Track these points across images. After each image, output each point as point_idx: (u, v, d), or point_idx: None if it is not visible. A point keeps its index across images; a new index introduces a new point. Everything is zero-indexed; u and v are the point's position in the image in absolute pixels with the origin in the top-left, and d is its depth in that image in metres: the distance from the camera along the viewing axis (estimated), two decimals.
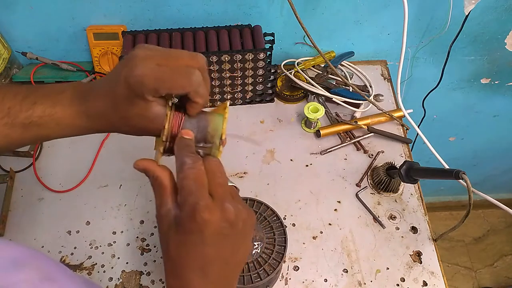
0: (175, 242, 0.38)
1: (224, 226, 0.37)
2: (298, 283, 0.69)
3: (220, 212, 0.37)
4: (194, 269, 0.38)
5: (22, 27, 0.85)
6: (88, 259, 0.71)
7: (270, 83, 0.86)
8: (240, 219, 0.38)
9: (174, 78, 0.39)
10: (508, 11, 0.87)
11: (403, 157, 0.83)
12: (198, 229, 0.36)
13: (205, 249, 0.38)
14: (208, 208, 0.36)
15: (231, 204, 0.38)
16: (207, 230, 0.36)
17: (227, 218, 0.37)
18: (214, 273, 0.39)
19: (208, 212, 0.36)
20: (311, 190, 0.78)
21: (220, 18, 0.85)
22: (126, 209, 0.76)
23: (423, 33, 0.92)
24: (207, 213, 0.36)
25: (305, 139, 0.85)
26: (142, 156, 0.83)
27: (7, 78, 0.88)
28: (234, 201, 0.39)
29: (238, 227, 0.38)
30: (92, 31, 0.85)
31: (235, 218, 0.38)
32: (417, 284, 0.69)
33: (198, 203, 0.36)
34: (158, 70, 0.39)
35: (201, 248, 0.37)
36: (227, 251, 0.39)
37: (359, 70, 0.94)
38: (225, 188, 0.39)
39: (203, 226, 0.36)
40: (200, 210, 0.36)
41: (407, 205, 0.77)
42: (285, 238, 0.62)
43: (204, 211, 0.36)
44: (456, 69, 1.02)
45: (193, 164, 0.38)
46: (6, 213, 0.75)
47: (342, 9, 0.86)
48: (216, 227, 0.37)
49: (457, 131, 1.32)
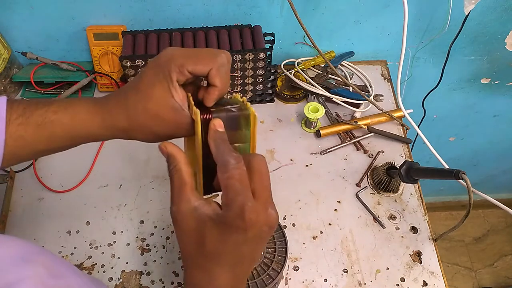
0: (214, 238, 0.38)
1: (265, 230, 0.38)
2: (298, 283, 0.69)
3: (265, 215, 0.38)
4: (225, 265, 0.39)
5: (22, 27, 0.85)
6: (88, 259, 0.71)
7: (270, 83, 0.86)
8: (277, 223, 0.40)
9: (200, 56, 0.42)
10: (508, 11, 0.87)
11: (403, 157, 0.83)
12: (244, 229, 0.37)
13: (243, 248, 0.39)
14: (255, 211, 0.37)
15: (273, 209, 0.39)
16: (251, 231, 0.37)
17: (269, 222, 0.38)
18: (242, 270, 0.41)
19: (256, 214, 0.37)
20: (311, 190, 0.78)
21: (220, 18, 0.85)
22: (126, 209, 0.76)
23: (423, 33, 0.92)
24: (255, 215, 0.37)
25: (305, 139, 0.85)
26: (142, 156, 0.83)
27: (7, 78, 0.88)
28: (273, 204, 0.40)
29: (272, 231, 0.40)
30: (92, 31, 0.85)
31: (275, 224, 0.39)
32: (417, 284, 0.69)
33: (246, 204, 0.36)
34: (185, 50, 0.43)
35: (241, 247, 0.38)
36: (258, 251, 0.41)
37: (359, 70, 0.94)
38: (269, 192, 0.39)
39: (249, 226, 0.37)
40: (249, 211, 0.36)
41: (407, 205, 0.77)
42: (282, 232, 0.63)
43: (252, 212, 0.36)
44: (456, 69, 1.02)
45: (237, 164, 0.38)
46: (6, 213, 0.75)
47: (342, 9, 0.86)
48: (259, 229, 0.38)
49: (457, 131, 1.32)
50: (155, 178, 0.80)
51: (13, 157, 0.45)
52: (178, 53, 0.42)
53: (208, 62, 0.42)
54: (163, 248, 0.72)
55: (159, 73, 0.42)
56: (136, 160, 0.82)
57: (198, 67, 0.42)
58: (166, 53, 0.43)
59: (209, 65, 0.42)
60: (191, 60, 0.42)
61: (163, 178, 0.80)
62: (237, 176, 0.37)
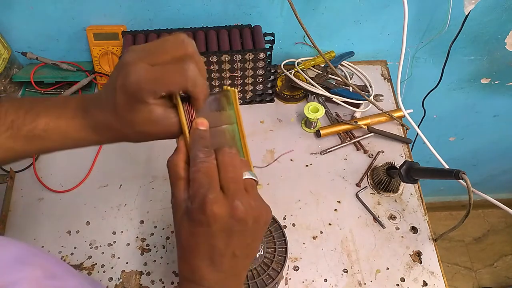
0: (186, 231, 0.39)
1: (232, 223, 0.38)
2: (298, 283, 0.69)
3: (229, 208, 0.37)
4: (203, 258, 0.40)
5: (22, 27, 0.85)
6: (88, 259, 0.71)
7: (270, 83, 0.86)
8: (250, 217, 0.39)
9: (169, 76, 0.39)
10: (508, 11, 0.87)
11: (403, 157, 0.83)
12: (207, 222, 0.37)
13: (213, 241, 0.39)
14: (216, 202, 0.37)
15: (242, 201, 0.38)
16: (215, 225, 0.37)
17: (236, 215, 0.38)
18: (223, 264, 0.40)
19: (216, 206, 0.37)
20: (311, 190, 0.78)
21: (220, 18, 0.85)
22: (126, 209, 0.76)
23: (423, 33, 0.92)
24: (215, 206, 0.37)
25: (305, 139, 0.85)
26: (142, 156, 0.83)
27: (7, 78, 0.88)
28: (247, 197, 0.39)
29: (247, 224, 0.39)
30: (92, 31, 0.85)
31: (244, 216, 0.38)
32: (417, 284, 0.69)
33: (207, 196, 0.37)
34: (152, 71, 0.38)
35: (209, 240, 0.38)
36: (235, 245, 0.40)
37: (359, 70, 0.94)
38: (238, 184, 0.39)
39: (211, 219, 0.37)
40: (209, 203, 0.36)
41: (407, 205, 0.77)
42: (282, 232, 0.63)
43: (212, 204, 0.36)
44: (456, 69, 1.02)
45: (205, 158, 0.39)
46: (6, 213, 0.75)
47: (342, 9, 0.86)
48: (224, 222, 0.38)
49: (457, 131, 1.32)
50: (155, 178, 0.80)
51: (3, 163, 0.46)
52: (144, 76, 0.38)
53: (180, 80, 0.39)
54: (163, 248, 0.72)
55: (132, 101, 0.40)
56: (136, 160, 0.82)
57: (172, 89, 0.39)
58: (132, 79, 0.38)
59: (181, 84, 0.39)
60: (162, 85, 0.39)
61: (163, 178, 0.80)
62: (203, 169, 0.38)
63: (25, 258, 0.32)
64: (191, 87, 0.40)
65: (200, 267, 0.40)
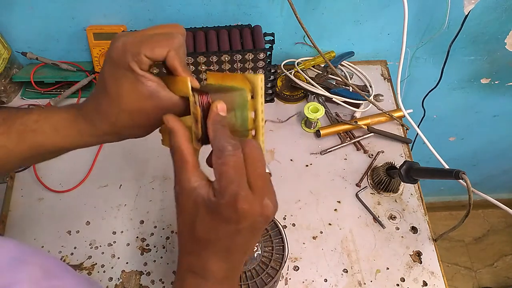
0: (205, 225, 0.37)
1: (260, 220, 0.37)
2: (298, 283, 0.69)
3: (260, 206, 0.36)
4: (217, 252, 0.38)
5: (22, 27, 0.85)
6: (88, 259, 0.71)
7: (270, 83, 0.86)
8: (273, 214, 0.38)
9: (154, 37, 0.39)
10: (508, 11, 0.87)
11: (403, 157, 0.83)
12: (236, 220, 0.35)
13: (236, 238, 0.37)
14: (248, 201, 0.35)
15: (270, 199, 0.37)
16: (244, 222, 0.36)
17: (265, 214, 0.36)
18: (235, 259, 0.39)
19: (249, 205, 0.35)
20: (311, 190, 0.78)
21: (220, 18, 0.85)
22: (126, 209, 0.76)
23: (423, 33, 0.92)
24: (248, 205, 0.35)
25: (305, 139, 0.85)
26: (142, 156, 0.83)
27: (7, 78, 0.88)
28: (270, 193, 0.38)
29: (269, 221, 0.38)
30: (92, 31, 0.85)
31: (272, 214, 0.37)
32: (417, 284, 0.69)
33: (239, 194, 0.35)
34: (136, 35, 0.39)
35: (232, 236, 0.37)
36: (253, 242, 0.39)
37: (359, 70, 0.94)
38: (265, 180, 0.37)
39: (241, 217, 0.35)
40: (241, 201, 0.35)
41: (407, 205, 0.77)
42: (279, 230, 0.63)
43: (245, 202, 0.35)
44: (456, 69, 1.02)
45: (233, 151, 0.36)
46: (6, 213, 0.75)
47: (342, 9, 0.86)
48: (253, 220, 0.36)
49: (457, 131, 1.32)
50: (155, 178, 0.80)
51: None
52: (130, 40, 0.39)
53: (165, 44, 0.39)
54: (163, 248, 0.72)
55: (118, 70, 0.39)
56: (136, 160, 0.82)
57: (156, 51, 0.39)
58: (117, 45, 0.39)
59: (166, 47, 0.39)
60: (147, 45, 0.38)
61: (163, 178, 0.80)
62: (232, 163, 0.35)
63: (25, 258, 0.32)
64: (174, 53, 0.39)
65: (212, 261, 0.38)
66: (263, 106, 0.40)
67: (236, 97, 0.41)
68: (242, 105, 0.41)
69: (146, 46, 0.38)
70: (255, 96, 0.41)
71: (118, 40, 0.39)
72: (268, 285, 0.58)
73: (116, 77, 0.39)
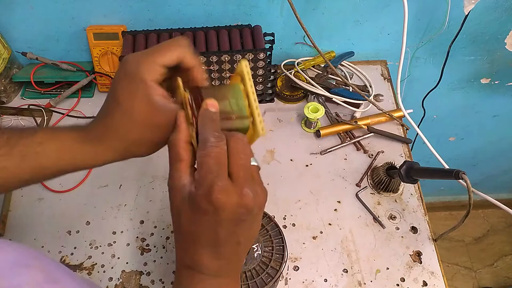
0: (188, 218, 0.37)
1: (241, 211, 0.36)
2: (298, 283, 0.69)
3: (238, 196, 0.36)
4: (204, 246, 0.38)
5: (22, 27, 0.85)
6: (88, 259, 0.71)
7: (270, 83, 0.86)
8: (257, 204, 0.37)
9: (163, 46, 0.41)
10: (508, 11, 0.87)
11: (403, 157, 0.83)
12: (213, 211, 0.35)
13: (218, 230, 0.37)
14: (225, 190, 0.35)
15: (251, 189, 0.36)
16: (223, 213, 0.35)
17: (245, 204, 0.36)
18: (226, 252, 0.39)
19: (225, 195, 0.35)
20: (311, 190, 0.78)
21: (220, 18, 0.85)
22: (126, 209, 0.76)
23: (422, 33, 0.93)
24: (224, 195, 0.35)
25: (305, 139, 0.85)
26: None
27: (7, 78, 0.88)
28: (254, 184, 0.37)
29: (254, 212, 0.37)
30: (92, 31, 0.85)
31: (253, 204, 0.36)
32: (417, 284, 0.69)
33: (216, 184, 0.35)
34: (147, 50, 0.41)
35: (214, 228, 0.37)
36: (240, 233, 0.38)
37: (359, 70, 0.94)
38: (247, 171, 0.37)
39: (218, 208, 0.35)
40: (217, 191, 0.34)
41: (407, 205, 0.77)
42: (279, 230, 0.63)
43: (220, 192, 0.34)
44: (456, 69, 1.02)
45: (216, 143, 0.36)
46: (6, 213, 0.75)
47: (342, 9, 0.86)
48: (232, 211, 0.36)
49: (457, 131, 1.32)
50: (155, 178, 0.80)
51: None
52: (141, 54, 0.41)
53: (174, 48, 0.41)
54: (163, 248, 0.72)
55: (132, 82, 0.40)
56: (136, 160, 0.81)
57: (168, 56, 0.41)
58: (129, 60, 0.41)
59: (177, 50, 0.41)
60: (158, 53, 0.40)
61: (163, 178, 0.80)
62: (213, 154, 0.36)
63: (26, 261, 0.32)
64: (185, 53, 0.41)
65: (201, 255, 0.38)
66: (253, 88, 0.41)
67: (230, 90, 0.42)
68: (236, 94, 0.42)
69: (157, 54, 0.40)
70: (243, 80, 0.42)
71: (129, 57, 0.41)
72: (268, 285, 0.58)
73: (130, 90, 0.40)
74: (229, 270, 0.41)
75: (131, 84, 0.40)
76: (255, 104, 0.41)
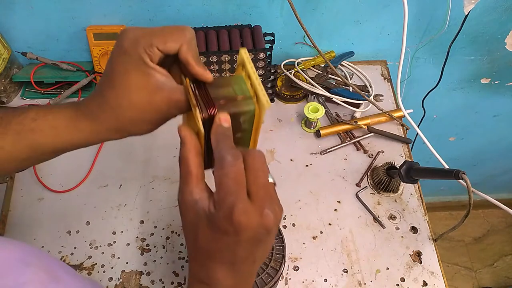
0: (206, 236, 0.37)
1: (261, 232, 0.36)
2: (298, 283, 0.69)
3: (259, 217, 0.35)
4: (222, 263, 0.38)
5: (22, 27, 0.85)
6: (88, 259, 0.71)
7: (270, 83, 0.86)
8: (276, 224, 0.37)
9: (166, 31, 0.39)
10: (508, 11, 0.87)
11: (403, 157, 0.83)
12: (234, 232, 0.35)
13: (237, 250, 0.36)
14: (246, 212, 0.34)
15: (271, 208, 0.36)
16: (243, 235, 0.35)
17: (265, 225, 0.35)
18: (242, 270, 0.39)
19: (246, 217, 0.34)
20: (311, 190, 0.78)
21: (220, 18, 0.85)
22: (126, 209, 0.76)
23: (422, 33, 0.92)
24: (245, 217, 0.34)
25: (305, 139, 0.85)
26: (142, 156, 0.83)
27: (7, 78, 0.88)
28: (273, 203, 0.36)
29: (273, 232, 0.37)
30: (92, 31, 0.85)
31: (273, 225, 0.36)
32: (417, 284, 0.69)
33: (236, 206, 0.34)
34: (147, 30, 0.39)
35: (233, 248, 0.36)
36: (257, 252, 0.38)
37: (359, 70, 0.94)
38: (267, 190, 0.36)
39: (239, 230, 0.34)
40: (238, 214, 0.34)
41: (407, 205, 0.77)
42: (278, 230, 0.63)
43: (241, 215, 0.34)
44: (456, 69, 1.02)
45: (233, 161, 0.35)
46: (6, 213, 0.75)
47: (342, 9, 0.86)
48: (253, 232, 0.35)
49: (457, 131, 1.32)
50: (155, 178, 0.80)
51: None
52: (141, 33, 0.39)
53: (177, 38, 0.39)
54: (163, 248, 0.72)
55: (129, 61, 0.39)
56: (136, 160, 0.82)
57: (169, 44, 0.38)
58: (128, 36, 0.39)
59: (179, 41, 0.39)
60: (159, 38, 0.38)
61: (163, 178, 0.80)
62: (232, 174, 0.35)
63: (29, 260, 0.32)
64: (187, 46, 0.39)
65: (217, 272, 0.38)
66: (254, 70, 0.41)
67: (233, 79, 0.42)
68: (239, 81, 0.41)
69: (158, 39, 0.38)
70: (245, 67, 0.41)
71: (128, 32, 0.39)
72: (268, 285, 0.58)
73: (126, 68, 0.39)
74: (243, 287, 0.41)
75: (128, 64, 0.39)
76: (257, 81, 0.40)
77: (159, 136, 0.83)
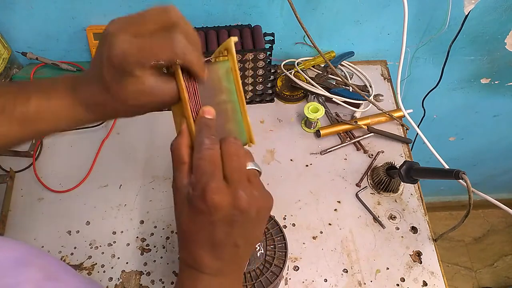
0: (187, 217, 0.39)
1: (235, 213, 0.37)
2: (298, 283, 0.69)
3: (231, 198, 0.37)
4: (203, 245, 0.39)
5: (22, 27, 0.85)
6: (88, 259, 0.71)
7: (270, 83, 0.86)
8: (253, 207, 0.38)
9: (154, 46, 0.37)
10: (508, 11, 0.87)
11: (403, 157, 0.83)
12: (208, 211, 0.36)
13: (213, 230, 0.38)
14: (218, 191, 0.36)
15: (246, 191, 0.37)
16: (217, 214, 0.36)
17: (239, 205, 0.37)
18: (224, 253, 0.40)
19: (218, 195, 0.36)
20: (311, 190, 0.78)
21: (220, 18, 0.85)
22: (126, 209, 0.76)
23: (422, 33, 0.92)
24: (217, 195, 0.36)
25: (305, 139, 0.85)
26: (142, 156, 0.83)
27: (7, 78, 0.88)
28: (250, 187, 0.38)
29: (250, 214, 0.38)
30: (92, 31, 0.85)
31: (247, 206, 0.37)
32: (417, 284, 0.69)
33: (209, 184, 0.36)
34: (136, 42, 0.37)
35: (210, 228, 0.38)
36: (237, 235, 0.39)
37: (359, 70, 0.94)
38: (241, 173, 0.38)
39: (212, 208, 0.36)
40: (211, 192, 0.36)
41: (407, 205, 0.77)
42: (279, 228, 0.63)
43: (214, 193, 0.36)
44: (456, 69, 1.02)
45: (210, 145, 0.38)
46: (6, 213, 0.75)
47: (342, 9, 0.86)
48: (226, 212, 0.37)
49: (457, 131, 1.32)
50: (155, 178, 0.80)
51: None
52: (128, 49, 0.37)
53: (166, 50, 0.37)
54: (163, 248, 0.72)
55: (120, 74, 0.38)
56: (136, 160, 0.82)
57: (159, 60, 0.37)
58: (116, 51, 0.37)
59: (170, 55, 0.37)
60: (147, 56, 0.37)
61: (163, 178, 0.80)
62: (207, 157, 0.37)
63: (26, 259, 0.32)
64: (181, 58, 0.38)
65: (200, 254, 0.39)
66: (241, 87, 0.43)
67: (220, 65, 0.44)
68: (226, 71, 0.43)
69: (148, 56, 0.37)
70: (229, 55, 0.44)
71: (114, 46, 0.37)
72: (273, 284, 0.59)
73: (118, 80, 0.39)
74: (230, 271, 0.42)
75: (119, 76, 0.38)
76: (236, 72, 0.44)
77: (159, 136, 0.83)
